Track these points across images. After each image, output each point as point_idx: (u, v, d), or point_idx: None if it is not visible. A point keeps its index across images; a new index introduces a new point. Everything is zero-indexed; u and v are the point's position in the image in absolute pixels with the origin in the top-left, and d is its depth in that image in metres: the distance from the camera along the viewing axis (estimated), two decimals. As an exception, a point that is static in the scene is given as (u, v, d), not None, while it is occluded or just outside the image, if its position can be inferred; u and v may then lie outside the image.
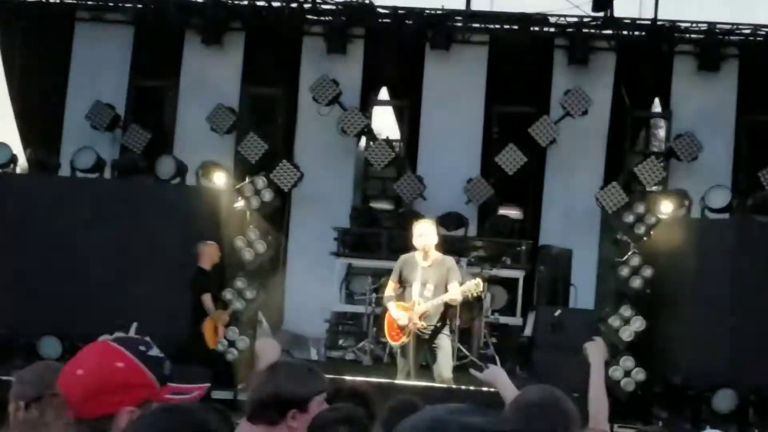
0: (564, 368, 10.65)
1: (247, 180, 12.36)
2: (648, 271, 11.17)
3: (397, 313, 8.97)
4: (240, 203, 12.25)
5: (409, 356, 8.94)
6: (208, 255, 10.94)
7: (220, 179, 12.36)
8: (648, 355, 11.01)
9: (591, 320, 11.47)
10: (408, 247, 9.35)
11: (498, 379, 4.04)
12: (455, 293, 8.79)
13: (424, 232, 8.94)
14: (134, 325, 3.54)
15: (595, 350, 4.19)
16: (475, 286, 8.90)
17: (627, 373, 10.81)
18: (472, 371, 4.26)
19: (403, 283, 9.04)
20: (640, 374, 10.78)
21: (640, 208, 11.46)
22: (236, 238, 11.82)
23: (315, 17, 14.26)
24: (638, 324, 10.95)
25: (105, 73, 14.21)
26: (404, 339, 8.95)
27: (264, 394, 3.05)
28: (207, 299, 10.68)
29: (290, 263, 13.90)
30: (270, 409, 3.03)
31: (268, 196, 12.24)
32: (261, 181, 12.27)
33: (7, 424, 3.08)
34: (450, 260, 9.06)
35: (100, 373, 2.50)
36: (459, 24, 14.15)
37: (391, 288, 9.13)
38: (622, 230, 11.71)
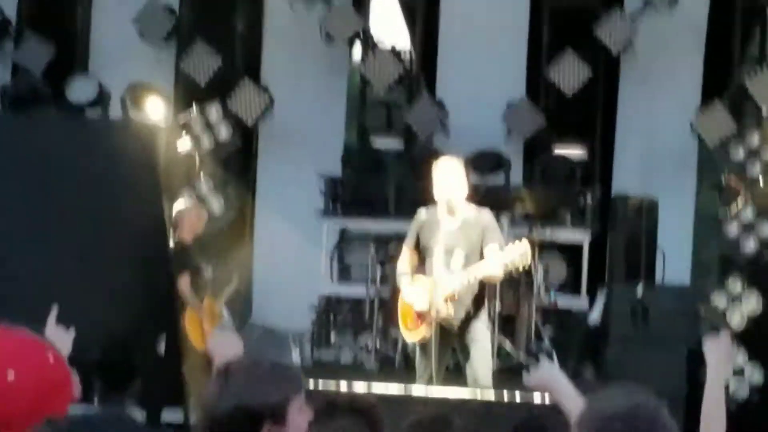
0: (648, 368, 10.78)
1: (194, 110, 12.37)
2: (766, 228, 11.19)
3: (413, 294, 9.04)
4: (186, 143, 12.27)
5: (431, 355, 8.97)
6: (191, 222, 11.02)
7: (156, 109, 12.40)
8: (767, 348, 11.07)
9: (687, 300, 11.55)
10: (426, 201, 9.37)
11: (552, 381, 4.01)
12: (494, 264, 8.82)
13: (449, 177, 8.97)
14: (54, 308, 3.55)
15: (717, 349, 4.17)
16: (520, 255, 8.89)
17: (738, 373, 10.86)
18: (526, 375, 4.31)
19: (421, 251, 9.10)
20: (756, 375, 10.86)
21: (755, 139, 11.47)
22: (181, 192, 11.84)
23: None
24: (753, 303, 11.04)
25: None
26: (424, 331, 9.00)
27: (220, 408, 3.08)
28: (185, 283, 10.70)
29: (259, 228, 13.95)
30: (232, 428, 3.06)
31: (225, 132, 12.31)
32: (215, 112, 12.31)
33: None
34: (487, 215, 9.12)
35: (37, 374, 2.54)
36: None
37: (404, 259, 9.20)
38: (729, 171, 11.71)
